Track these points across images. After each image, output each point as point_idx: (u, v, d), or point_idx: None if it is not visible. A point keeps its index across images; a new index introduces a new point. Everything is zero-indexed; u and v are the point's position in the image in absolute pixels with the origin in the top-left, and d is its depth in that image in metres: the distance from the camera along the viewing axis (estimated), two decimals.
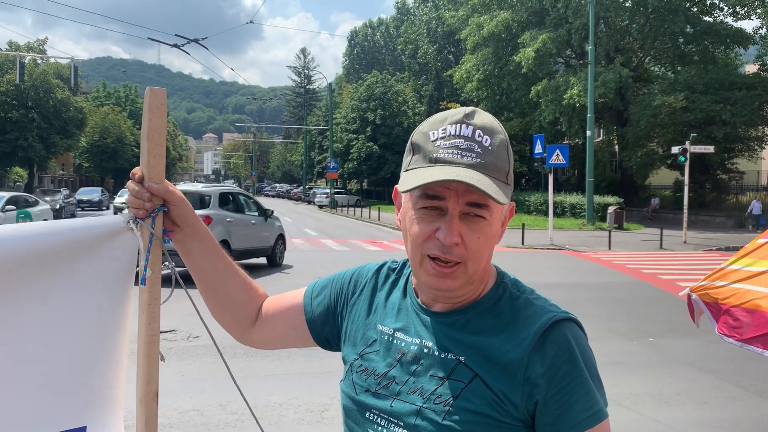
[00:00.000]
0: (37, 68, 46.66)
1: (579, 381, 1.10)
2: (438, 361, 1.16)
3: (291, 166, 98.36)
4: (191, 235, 1.35)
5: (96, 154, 63.64)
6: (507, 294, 1.20)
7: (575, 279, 13.50)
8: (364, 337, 1.29)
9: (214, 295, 1.42)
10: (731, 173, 33.41)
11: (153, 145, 1.25)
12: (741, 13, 32.72)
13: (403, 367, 1.20)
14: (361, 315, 1.32)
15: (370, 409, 1.21)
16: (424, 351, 1.18)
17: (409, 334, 1.22)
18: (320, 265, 14.99)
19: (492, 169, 1.10)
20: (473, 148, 1.10)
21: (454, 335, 1.17)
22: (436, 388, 1.14)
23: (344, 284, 1.39)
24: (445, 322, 1.19)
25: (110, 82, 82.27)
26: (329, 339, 1.39)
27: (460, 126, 1.11)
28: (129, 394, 1.29)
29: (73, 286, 1.20)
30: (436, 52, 61.88)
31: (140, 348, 1.25)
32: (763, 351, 2.89)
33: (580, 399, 1.09)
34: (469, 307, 1.19)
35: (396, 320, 1.26)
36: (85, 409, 1.24)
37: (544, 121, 35.23)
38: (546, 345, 1.10)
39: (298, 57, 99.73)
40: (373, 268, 1.39)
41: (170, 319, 7.92)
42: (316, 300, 1.40)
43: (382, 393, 1.20)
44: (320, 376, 6.26)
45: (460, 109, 1.15)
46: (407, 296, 1.28)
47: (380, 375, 1.22)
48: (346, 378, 1.28)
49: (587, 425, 1.08)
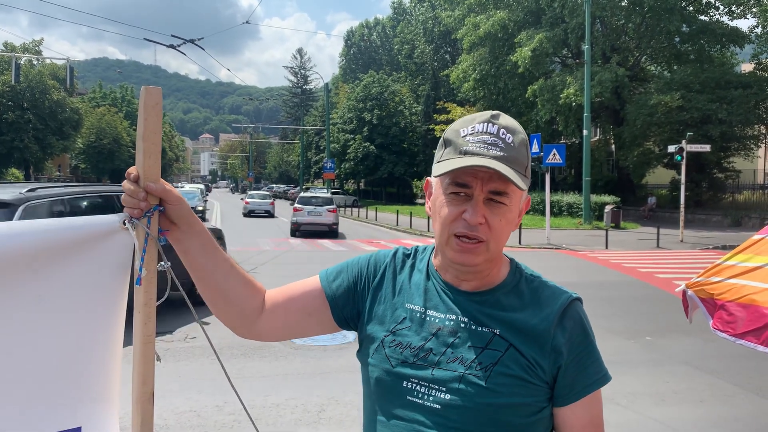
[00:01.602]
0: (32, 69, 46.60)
1: (590, 349, 1.35)
2: (475, 333, 1.33)
3: (288, 167, 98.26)
4: (188, 233, 1.35)
5: (92, 155, 63.53)
6: (524, 278, 1.40)
7: (572, 278, 13.51)
8: (394, 316, 1.41)
9: (215, 292, 1.42)
10: (727, 172, 33.46)
11: (149, 145, 1.24)
12: (737, 12, 32.79)
13: (439, 340, 1.34)
14: (387, 296, 1.44)
15: (408, 379, 1.33)
16: (460, 325, 1.34)
17: (441, 311, 1.37)
18: (320, 264, 14.97)
19: (514, 162, 1.27)
20: (498, 144, 1.27)
21: (486, 311, 1.34)
22: (476, 357, 1.30)
23: (362, 267, 1.49)
24: (476, 300, 1.36)
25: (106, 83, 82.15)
26: (348, 319, 1.48)
27: (487, 125, 1.29)
28: (124, 395, 1.29)
29: (68, 286, 1.20)
30: (433, 51, 61.86)
31: (136, 348, 1.25)
32: (756, 345, 2.89)
33: (592, 364, 1.35)
34: (496, 288, 1.37)
35: (424, 299, 1.39)
36: (80, 409, 1.24)
37: (541, 120, 35.25)
38: (565, 320, 1.33)
39: (294, 57, 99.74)
40: (389, 254, 1.51)
41: (168, 320, 7.91)
42: (334, 283, 1.48)
43: (420, 363, 1.33)
44: (317, 377, 6.26)
45: (487, 112, 1.33)
46: (431, 278, 1.42)
47: (416, 348, 1.35)
48: (377, 354, 1.38)
49: (598, 385, 1.35)
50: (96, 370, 1.26)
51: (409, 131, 56.35)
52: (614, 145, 37.82)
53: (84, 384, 1.24)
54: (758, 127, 32.26)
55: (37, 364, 1.17)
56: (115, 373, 1.30)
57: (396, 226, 28.62)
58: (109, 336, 1.27)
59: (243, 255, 16.34)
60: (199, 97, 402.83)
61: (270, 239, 22.59)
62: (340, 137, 56.52)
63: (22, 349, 1.16)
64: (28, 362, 1.17)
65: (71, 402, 1.22)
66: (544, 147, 21.21)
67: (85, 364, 1.24)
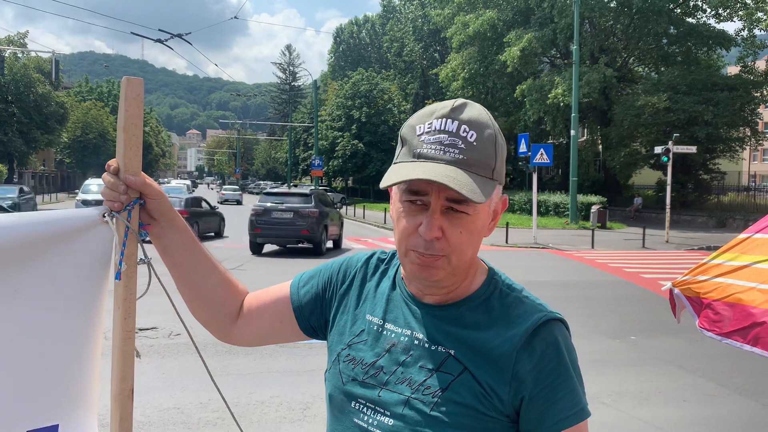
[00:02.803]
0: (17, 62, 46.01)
1: (564, 378, 1.13)
2: (428, 352, 1.17)
3: (275, 164, 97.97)
4: (169, 229, 1.32)
5: (78, 150, 62.94)
6: (498, 291, 1.22)
7: (558, 277, 13.57)
8: (353, 327, 1.29)
9: (193, 292, 1.38)
10: (713, 173, 33.80)
11: (129, 137, 1.22)
12: (723, 15, 33.08)
13: (391, 357, 1.20)
14: (350, 305, 1.32)
15: (356, 399, 1.21)
16: (414, 342, 1.20)
17: (399, 324, 1.23)
18: (300, 261, 14.94)
19: (475, 165, 1.10)
20: (457, 144, 1.10)
21: (445, 328, 1.19)
22: (425, 380, 1.15)
23: (333, 273, 1.38)
24: (437, 315, 1.20)
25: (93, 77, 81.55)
26: (315, 328, 1.38)
27: (446, 121, 1.11)
28: (104, 391, 1.27)
29: (45, 280, 1.17)
30: (422, 50, 61.93)
31: (115, 344, 1.22)
32: (742, 345, 2.89)
33: (565, 396, 1.12)
34: (461, 301, 1.21)
35: (385, 310, 1.27)
36: (58, 406, 1.21)
37: (529, 120, 35.40)
38: (535, 342, 1.13)
39: (283, 54, 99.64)
40: (363, 258, 1.39)
41: (151, 316, 7.85)
42: (303, 290, 1.39)
43: (370, 382, 1.20)
44: (303, 374, 6.23)
45: (450, 101, 1.15)
46: (397, 287, 1.29)
47: (368, 365, 1.22)
48: (333, 368, 1.28)
49: (570, 422, 1.11)
50: (74, 367, 1.23)
51: (397, 129, 55.97)
52: (601, 145, 38.05)
53: (62, 381, 1.21)
54: (743, 130, 32.61)
55: (12, 360, 1.14)
56: (94, 370, 1.27)
57: (384, 224, 28.62)
58: (88, 332, 1.24)
59: (228, 252, 16.25)
60: (187, 93, 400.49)
61: None
62: (328, 134, 56.42)
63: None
64: (4, 358, 1.14)
65: (48, 399, 1.20)
66: (532, 147, 21.29)
67: (63, 361, 1.21)
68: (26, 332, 1.16)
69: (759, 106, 32.72)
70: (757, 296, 2.88)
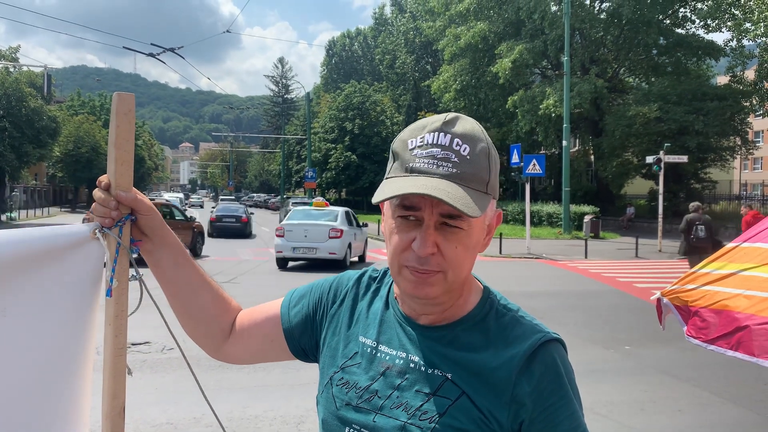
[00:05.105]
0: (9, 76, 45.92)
1: (564, 401, 1.11)
2: (424, 376, 1.14)
3: (269, 176, 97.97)
4: (160, 245, 1.31)
5: (70, 164, 62.65)
6: (493, 311, 1.19)
7: (552, 288, 13.58)
8: (345, 350, 1.26)
9: (185, 309, 1.37)
10: (704, 183, 34.01)
11: (121, 152, 1.22)
12: (712, 25, 33.38)
13: (386, 381, 1.17)
14: (342, 326, 1.29)
15: (350, 424, 1.18)
16: (410, 365, 1.17)
17: (393, 346, 1.20)
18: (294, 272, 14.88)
19: (469, 179, 1.08)
20: (450, 158, 1.08)
21: (441, 350, 1.16)
22: (422, 404, 1.12)
23: (323, 293, 1.35)
24: (432, 336, 1.17)
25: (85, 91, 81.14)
26: (306, 350, 1.36)
27: (438, 134, 1.09)
28: (95, 408, 1.26)
29: (35, 298, 1.16)
30: (414, 62, 62.22)
31: (106, 361, 1.21)
32: (725, 351, 2.90)
33: (566, 419, 1.10)
34: (456, 322, 1.18)
35: (379, 332, 1.23)
36: (48, 425, 1.20)
37: (521, 131, 35.54)
38: (534, 365, 1.11)
39: (276, 66, 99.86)
40: (354, 276, 1.35)
41: (144, 331, 7.81)
42: (293, 310, 1.36)
43: (364, 407, 1.17)
44: (296, 388, 6.20)
45: (441, 115, 1.12)
46: (390, 307, 1.25)
47: (362, 389, 1.19)
48: (325, 392, 1.25)
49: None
50: (65, 385, 1.22)
51: (390, 141, 56.17)
52: (593, 155, 38.22)
53: (52, 400, 1.20)
54: (734, 139, 32.86)
55: (2, 378, 1.13)
56: (85, 388, 1.26)
57: (377, 236, 28.57)
58: (79, 350, 1.23)
59: (222, 265, 16.17)
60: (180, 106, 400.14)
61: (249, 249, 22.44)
62: (321, 146, 56.49)
63: None
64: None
65: (39, 418, 1.18)
66: (524, 157, 21.36)
67: (54, 379, 1.20)
68: (16, 350, 1.15)
69: (748, 115, 33.02)
70: (742, 302, 2.90)
